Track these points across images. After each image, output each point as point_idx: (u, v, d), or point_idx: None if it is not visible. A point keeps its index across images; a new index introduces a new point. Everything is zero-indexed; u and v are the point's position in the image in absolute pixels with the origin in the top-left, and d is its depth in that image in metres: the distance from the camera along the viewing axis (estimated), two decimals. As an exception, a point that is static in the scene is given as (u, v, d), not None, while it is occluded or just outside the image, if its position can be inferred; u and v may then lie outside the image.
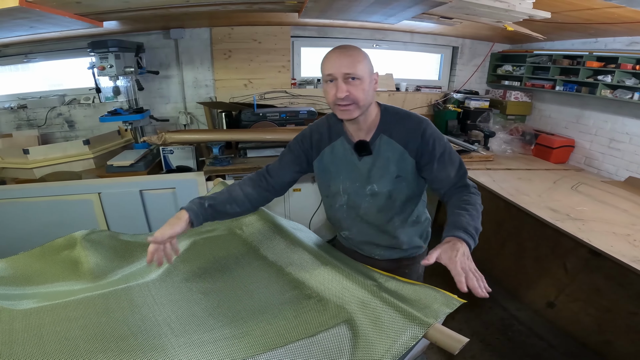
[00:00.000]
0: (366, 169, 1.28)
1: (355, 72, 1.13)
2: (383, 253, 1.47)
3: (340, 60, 1.15)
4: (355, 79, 1.14)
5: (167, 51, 3.26)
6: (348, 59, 1.14)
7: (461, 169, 1.25)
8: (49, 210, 2.36)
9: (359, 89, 1.14)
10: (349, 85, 1.14)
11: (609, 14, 2.08)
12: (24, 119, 3.25)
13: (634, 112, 2.70)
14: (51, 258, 1.30)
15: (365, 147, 1.25)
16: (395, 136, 1.24)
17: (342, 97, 1.14)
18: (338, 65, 1.14)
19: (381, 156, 1.26)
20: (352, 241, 1.50)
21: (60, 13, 1.80)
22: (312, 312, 1.03)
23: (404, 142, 1.23)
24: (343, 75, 1.13)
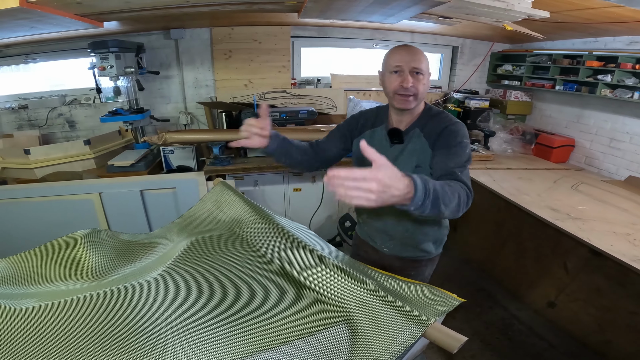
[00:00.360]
0: (394, 156, 1.37)
1: (421, 67, 1.28)
2: (393, 247, 1.52)
3: (409, 55, 1.28)
4: (419, 73, 1.28)
5: (168, 51, 3.27)
6: (416, 55, 1.28)
7: (461, 167, 1.22)
8: (50, 210, 2.37)
9: (421, 82, 1.29)
10: (414, 78, 1.27)
11: (609, 14, 2.07)
12: (25, 119, 3.25)
13: (634, 112, 2.70)
14: (52, 257, 1.30)
15: (397, 135, 1.37)
16: (425, 131, 1.34)
17: (408, 86, 1.26)
18: (408, 59, 1.27)
19: (409, 147, 1.36)
20: (369, 227, 1.58)
21: (61, 13, 1.80)
22: (311, 311, 1.03)
23: (429, 135, 1.33)
24: (411, 68, 1.27)
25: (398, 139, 1.37)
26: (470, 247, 3.36)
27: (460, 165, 1.22)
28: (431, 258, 1.59)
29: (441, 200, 0.95)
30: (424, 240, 1.50)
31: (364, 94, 3.67)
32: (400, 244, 1.52)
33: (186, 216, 1.61)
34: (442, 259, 1.69)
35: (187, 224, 1.55)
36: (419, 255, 1.54)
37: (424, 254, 1.54)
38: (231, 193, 1.62)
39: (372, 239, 1.60)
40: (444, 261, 1.75)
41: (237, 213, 1.52)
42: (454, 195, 1.02)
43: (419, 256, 1.55)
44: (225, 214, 1.55)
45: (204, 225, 1.51)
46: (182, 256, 1.26)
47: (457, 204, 1.04)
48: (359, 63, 3.82)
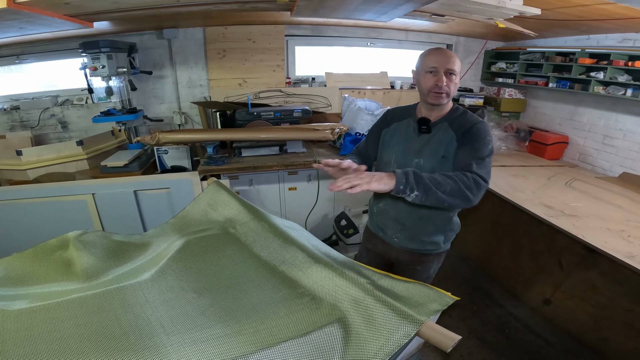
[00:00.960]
0: (420, 144, 1.47)
1: (454, 69, 1.37)
2: (403, 238, 1.57)
3: (444, 57, 1.38)
4: (452, 74, 1.38)
5: (161, 51, 3.25)
6: (450, 58, 1.38)
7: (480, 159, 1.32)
8: (43, 211, 2.35)
9: (453, 82, 1.39)
10: (447, 78, 1.37)
11: (601, 11, 2.08)
12: (17, 120, 3.23)
13: (627, 109, 2.71)
14: (44, 259, 1.30)
15: (426, 123, 1.46)
16: (453, 125, 1.43)
17: (443, 85, 1.37)
18: (443, 61, 1.37)
19: (436, 137, 1.45)
20: (383, 216, 1.62)
21: (50, 14, 1.79)
22: (305, 311, 1.03)
23: (457, 128, 1.42)
24: (445, 69, 1.37)
25: (426, 127, 1.46)
26: (466, 245, 3.36)
27: (479, 158, 1.32)
28: (438, 253, 1.62)
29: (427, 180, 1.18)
30: (434, 232, 1.54)
31: (358, 92, 3.66)
32: (411, 234, 1.56)
33: (180, 216, 1.60)
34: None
35: (181, 224, 1.55)
36: (427, 248, 1.58)
37: (432, 247, 1.58)
38: (225, 193, 1.61)
39: (383, 230, 1.64)
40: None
41: (231, 213, 1.51)
42: (445, 181, 1.20)
43: (427, 250, 1.58)
44: (219, 213, 1.54)
45: (197, 225, 1.51)
46: (175, 256, 1.25)
47: (456, 189, 1.21)
48: (353, 62, 3.82)
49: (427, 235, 1.54)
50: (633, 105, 2.64)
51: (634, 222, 2.00)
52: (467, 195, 1.22)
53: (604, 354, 2.19)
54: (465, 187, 1.21)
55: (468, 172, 1.26)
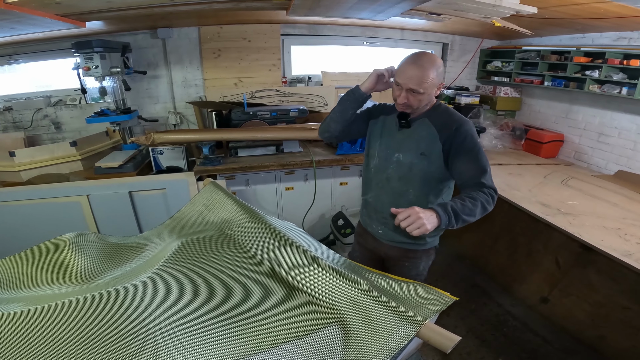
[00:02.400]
0: (400, 139, 1.49)
1: (419, 89, 1.33)
2: (388, 230, 1.58)
3: (412, 76, 1.33)
4: (416, 92, 1.34)
5: (155, 51, 3.22)
6: (418, 76, 1.33)
7: (483, 169, 1.36)
8: (37, 213, 2.32)
9: (417, 99, 1.37)
10: (410, 95, 1.36)
11: (596, 9, 2.09)
12: (9, 121, 3.19)
13: (622, 107, 2.72)
14: (38, 261, 1.28)
15: (405, 118, 1.46)
16: (434, 122, 1.43)
17: (401, 103, 1.38)
18: (408, 79, 1.34)
19: (415, 133, 1.45)
20: (368, 209, 1.65)
21: (41, 14, 1.76)
22: (304, 313, 1.02)
23: (440, 128, 1.41)
24: (408, 89, 1.34)
25: (406, 122, 1.46)
26: (463, 243, 3.37)
27: (481, 168, 1.35)
28: (426, 250, 1.62)
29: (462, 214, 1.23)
30: None
31: (354, 91, 3.65)
32: (393, 228, 1.54)
33: (176, 217, 1.59)
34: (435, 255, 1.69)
35: (177, 226, 1.53)
36: (414, 245, 1.57)
37: (419, 242, 1.57)
38: (221, 193, 1.59)
39: (370, 223, 1.65)
40: (438, 257, 1.75)
41: (228, 214, 1.50)
42: (475, 206, 1.26)
43: (415, 246, 1.58)
44: (215, 214, 1.53)
45: (194, 227, 1.49)
46: (171, 258, 1.24)
47: (481, 209, 1.28)
48: (349, 61, 3.81)
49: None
50: (628, 104, 2.66)
51: (630, 220, 2.01)
52: (488, 210, 1.32)
53: (601, 352, 2.20)
54: (488, 204, 1.30)
55: (485, 187, 1.32)
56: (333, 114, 1.61)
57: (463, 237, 3.38)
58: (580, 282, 2.36)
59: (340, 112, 1.59)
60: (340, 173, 2.94)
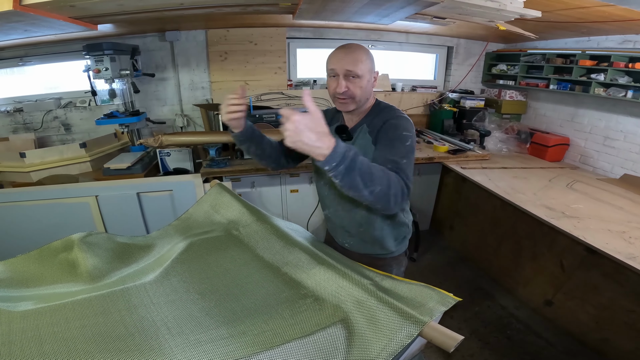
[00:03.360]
0: None
1: (356, 70, 1.23)
2: (353, 243, 1.54)
3: (344, 58, 1.24)
4: (354, 77, 1.24)
5: (163, 53, 3.27)
6: (350, 56, 1.24)
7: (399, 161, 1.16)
8: (47, 213, 2.36)
9: (357, 86, 1.26)
10: (348, 82, 1.25)
11: (601, 13, 2.09)
12: (20, 122, 3.24)
13: (627, 110, 2.72)
14: (49, 260, 1.30)
15: (343, 131, 1.38)
16: (371, 126, 1.33)
17: (341, 92, 1.26)
18: (341, 62, 1.24)
19: (357, 143, 1.35)
20: (330, 223, 1.60)
21: (55, 16, 1.80)
22: (308, 312, 1.04)
23: (372, 130, 1.31)
24: (344, 72, 1.24)
25: (346, 135, 1.37)
26: (467, 245, 3.38)
27: (399, 158, 1.16)
28: (395, 257, 1.56)
29: (358, 173, 0.96)
30: (381, 236, 1.47)
31: (359, 94, 3.67)
32: (359, 240, 1.51)
33: (183, 218, 1.61)
34: (439, 257, 1.70)
35: (184, 226, 1.55)
36: (379, 252, 1.52)
37: (384, 251, 1.52)
38: (228, 195, 1.62)
39: (336, 236, 1.62)
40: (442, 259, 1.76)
41: (234, 215, 1.52)
42: (381, 179, 1.02)
43: (380, 254, 1.53)
44: (222, 215, 1.55)
45: (200, 227, 1.52)
46: (179, 258, 1.26)
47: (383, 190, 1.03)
48: (354, 64, 3.83)
49: (374, 239, 1.48)
50: (634, 107, 2.65)
51: (634, 224, 2.01)
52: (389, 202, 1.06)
53: (605, 355, 2.20)
54: (394, 194, 1.05)
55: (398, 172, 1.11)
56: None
57: (467, 240, 3.38)
58: (585, 285, 2.35)
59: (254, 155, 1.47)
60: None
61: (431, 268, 3.11)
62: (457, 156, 3.05)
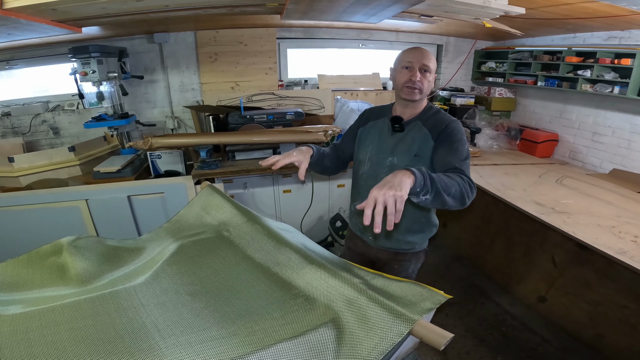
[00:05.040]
0: (393, 143, 1.50)
1: (429, 66, 1.42)
2: (380, 237, 1.58)
3: (421, 54, 1.43)
4: (427, 71, 1.42)
5: (152, 55, 3.25)
6: (426, 54, 1.43)
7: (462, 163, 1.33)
8: (37, 217, 2.33)
9: (427, 79, 1.44)
10: (421, 74, 1.42)
11: (585, 9, 2.12)
12: (8, 126, 3.20)
13: (615, 106, 2.75)
14: (38, 264, 1.29)
15: (399, 122, 1.48)
16: (426, 123, 1.46)
17: (416, 80, 1.41)
18: (419, 57, 1.42)
19: (409, 136, 1.47)
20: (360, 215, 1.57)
21: (37, 20, 1.78)
22: (299, 312, 1.03)
23: (431, 127, 1.44)
24: (421, 65, 1.41)
25: (399, 126, 1.48)
26: (460, 243, 3.39)
27: (463, 161, 1.34)
28: (415, 252, 1.63)
29: (438, 183, 1.09)
30: (409, 231, 1.56)
31: (351, 94, 3.68)
32: (385, 234, 1.53)
33: (174, 220, 1.60)
34: (433, 256, 1.71)
35: (175, 228, 1.54)
36: (402, 247, 1.59)
37: (408, 246, 1.59)
38: (218, 196, 1.61)
39: (361, 229, 1.66)
40: (436, 258, 1.77)
41: (225, 216, 1.51)
42: (452, 183, 1.16)
43: (403, 249, 1.59)
44: (212, 217, 1.54)
45: (191, 229, 1.51)
46: (169, 260, 1.25)
47: (459, 192, 1.18)
48: (345, 63, 3.84)
49: (402, 234, 1.56)
50: (620, 102, 2.69)
51: (624, 218, 2.03)
52: (465, 198, 1.20)
53: (600, 351, 2.21)
54: (465, 190, 1.20)
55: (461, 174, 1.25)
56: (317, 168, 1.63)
57: (461, 237, 3.40)
58: (577, 281, 2.37)
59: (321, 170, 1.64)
60: (338, 176, 2.96)
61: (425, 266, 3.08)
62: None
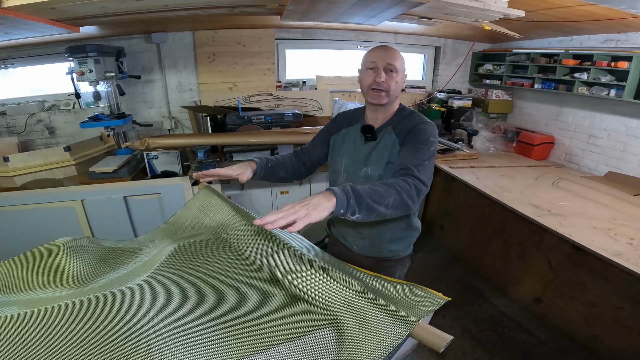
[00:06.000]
0: (366, 152, 1.43)
1: (395, 64, 1.34)
2: (362, 245, 1.55)
3: (385, 53, 1.35)
4: (392, 71, 1.34)
5: (149, 55, 3.23)
6: (391, 53, 1.36)
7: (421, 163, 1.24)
8: (31, 218, 2.32)
9: (393, 80, 1.35)
10: (387, 74, 1.34)
11: (582, 12, 2.13)
12: (3, 125, 3.17)
13: (610, 108, 2.77)
14: (33, 265, 1.28)
15: (370, 131, 1.43)
16: (397, 128, 1.40)
17: (381, 81, 1.34)
18: (383, 56, 1.35)
19: (381, 144, 1.41)
20: (341, 224, 1.62)
21: (35, 19, 1.77)
22: (298, 314, 1.03)
23: (400, 132, 1.38)
24: (385, 65, 1.34)
25: (371, 135, 1.42)
26: (457, 244, 3.40)
27: (420, 162, 1.24)
28: (400, 259, 1.59)
29: (368, 198, 1.04)
30: (392, 239, 1.52)
31: (349, 95, 3.69)
32: (369, 243, 1.54)
33: (171, 221, 1.59)
34: (429, 257, 1.71)
35: (172, 230, 1.53)
36: (386, 255, 1.55)
37: (391, 254, 1.55)
38: (216, 197, 1.60)
39: (343, 236, 1.63)
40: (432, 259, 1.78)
41: (223, 217, 1.51)
42: (388, 193, 1.09)
43: (387, 256, 1.55)
44: (210, 218, 1.54)
45: (189, 231, 1.50)
46: (167, 262, 1.25)
47: (398, 200, 1.11)
48: (344, 64, 3.84)
49: (385, 243, 1.52)
50: (616, 105, 2.70)
51: (620, 220, 2.05)
52: (408, 204, 1.14)
53: (596, 352, 2.22)
54: (408, 196, 1.13)
55: (409, 176, 1.18)
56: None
57: (457, 239, 3.41)
58: (573, 283, 2.38)
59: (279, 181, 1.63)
60: (335, 176, 2.95)
61: (422, 268, 3.12)
62: (445, 156, 3.07)
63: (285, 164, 1.59)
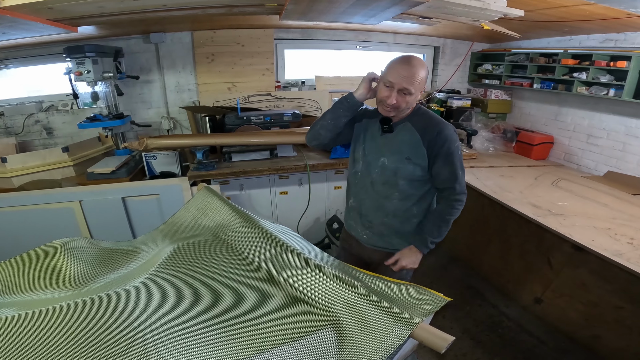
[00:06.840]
0: (382, 143, 1.51)
1: (410, 89, 1.35)
2: (372, 235, 1.61)
3: (405, 75, 1.34)
4: (407, 93, 1.36)
5: (148, 55, 3.22)
6: (410, 76, 1.34)
7: (455, 174, 1.45)
8: (29, 219, 2.30)
9: (405, 100, 1.38)
10: (399, 96, 1.37)
11: (582, 11, 2.13)
12: (1, 126, 3.16)
13: (610, 108, 2.77)
14: (31, 267, 1.28)
15: (387, 123, 1.48)
16: (415, 125, 1.46)
17: (392, 103, 1.37)
18: (401, 80, 1.34)
19: (398, 137, 1.48)
20: (353, 212, 1.68)
21: (33, 19, 1.76)
22: (299, 315, 1.02)
23: (422, 132, 1.44)
24: (400, 87, 1.35)
25: (388, 127, 1.47)
26: (456, 245, 3.39)
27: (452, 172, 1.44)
28: None
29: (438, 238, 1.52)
30: (399, 232, 1.57)
31: (348, 95, 3.67)
32: (377, 232, 1.59)
33: (170, 222, 1.59)
34: (429, 257, 1.70)
35: (171, 230, 1.53)
36: (395, 248, 1.59)
37: (400, 246, 1.59)
38: (215, 198, 1.60)
39: (355, 227, 1.67)
40: (432, 259, 1.78)
41: (222, 218, 1.50)
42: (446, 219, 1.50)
43: (396, 249, 1.59)
44: (209, 219, 1.53)
45: (188, 231, 1.49)
46: (165, 263, 1.24)
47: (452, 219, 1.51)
48: (343, 64, 3.83)
49: (393, 234, 1.58)
50: (615, 105, 2.70)
51: (619, 220, 2.04)
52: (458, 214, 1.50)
53: (596, 352, 2.21)
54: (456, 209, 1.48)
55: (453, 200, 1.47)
56: (324, 121, 1.57)
57: (457, 239, 3.39)
58: (573, 283, 2.38)
59: (333, 120, 1.55)
60: (335, 177, 2.95)
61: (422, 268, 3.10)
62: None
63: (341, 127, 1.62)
